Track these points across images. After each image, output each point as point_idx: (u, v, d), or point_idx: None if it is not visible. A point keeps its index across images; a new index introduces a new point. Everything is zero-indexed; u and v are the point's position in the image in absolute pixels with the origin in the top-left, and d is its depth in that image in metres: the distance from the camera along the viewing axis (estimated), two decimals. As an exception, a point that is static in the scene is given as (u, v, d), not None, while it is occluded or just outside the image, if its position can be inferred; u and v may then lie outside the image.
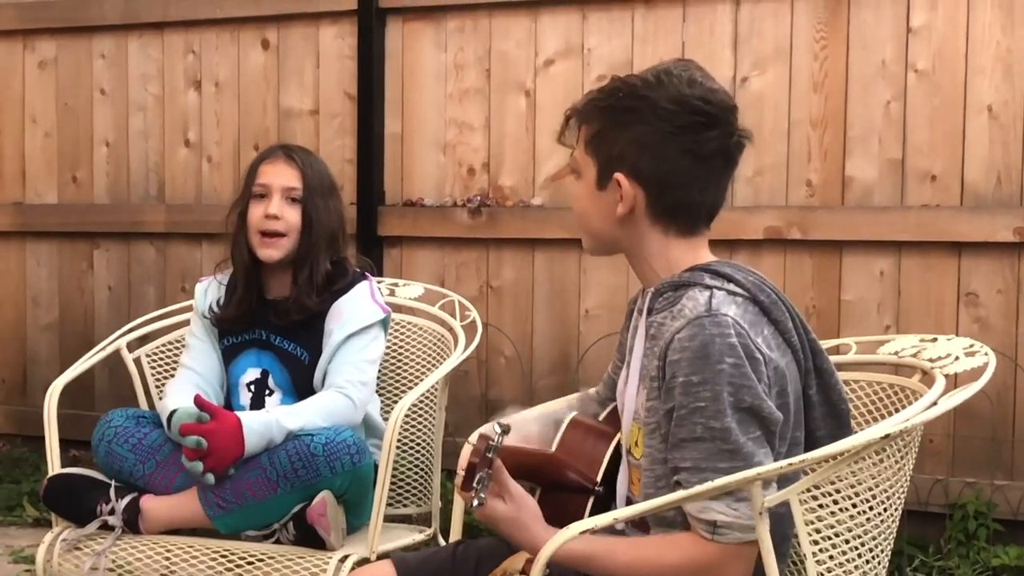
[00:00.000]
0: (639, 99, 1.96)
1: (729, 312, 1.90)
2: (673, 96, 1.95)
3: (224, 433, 2.73)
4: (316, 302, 2.99)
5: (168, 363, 3.35)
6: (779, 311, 1.97)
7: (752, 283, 1.97)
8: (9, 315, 5.23)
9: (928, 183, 3.86)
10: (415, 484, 3.24)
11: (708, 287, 1.95)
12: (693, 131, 1.96)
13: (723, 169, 2.00)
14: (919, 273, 3.88)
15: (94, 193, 5.05)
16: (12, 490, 4.74)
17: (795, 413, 1.97)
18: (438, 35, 4.48)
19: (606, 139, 2.00)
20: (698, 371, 1.86)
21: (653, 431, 1.95)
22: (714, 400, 1.85)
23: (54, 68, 5.11)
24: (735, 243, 3.98)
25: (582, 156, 2.04)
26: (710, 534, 1.87)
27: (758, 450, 1.86)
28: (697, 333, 1.87)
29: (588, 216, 2.07)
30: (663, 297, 2.01)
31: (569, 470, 2.08)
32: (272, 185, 3.00)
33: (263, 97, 4.75)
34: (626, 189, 1.98)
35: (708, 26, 4.11)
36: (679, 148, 1.96)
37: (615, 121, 1.99)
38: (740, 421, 1.86)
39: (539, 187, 4.34)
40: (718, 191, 2.02)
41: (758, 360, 1.88)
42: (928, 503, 3.81)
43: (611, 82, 2.02)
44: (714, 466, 1.85)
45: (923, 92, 3.86)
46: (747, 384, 1.86)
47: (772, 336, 1.95)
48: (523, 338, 4.39)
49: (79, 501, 2.87)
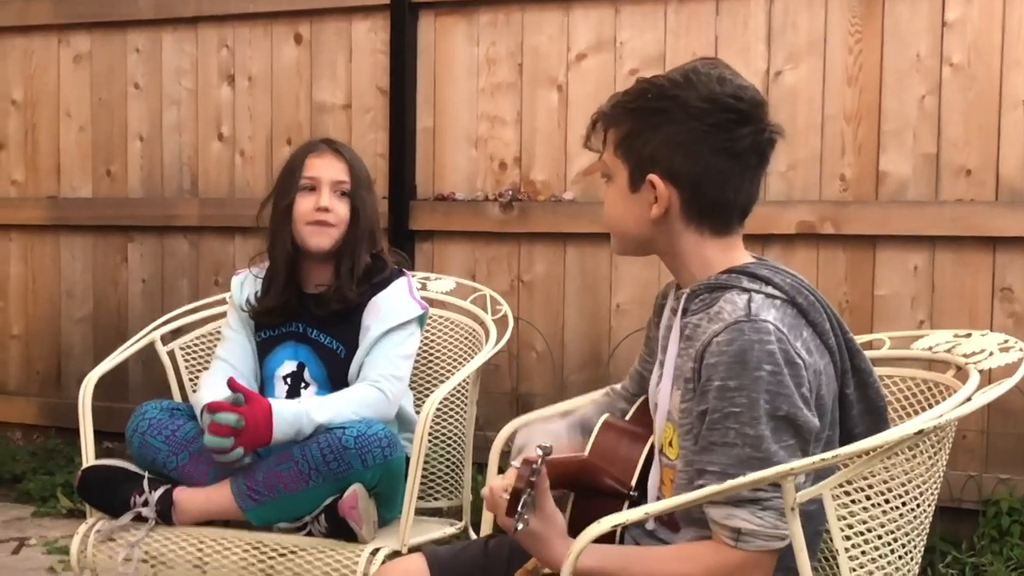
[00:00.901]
0: (669, 99, 1.94)
1: (769, 317, 1.88)
2: (704, 94, 1.93)
3: (255, 416, 2.75)
4: (356, 293, 3.00)
5: (202, 356, 3.36)
6: (817, 313, 1.95)
7: (790, 285, 1.96)
8: (44, 308, 5.27)
9: (963, 177, 3.84)
10: (446, 478, 3.24)
11: (746, 290, 1.93)
12: (726, 129, 1.94)
13: (756, 166, 1.99)
14: (953, 268, 3.86)
15: (128, 187, 5.08)
16: (46, 481, 4.78)
17: (831, 412, 1.96)
18: (470, 29, 4.48)
19: (637, 141, 1.98)
20: (735, 376, 1.85)
21: (687, 432, 1.93)
22: (750, 407, 1.83)
23: (89, 62, 5.14)
24: (768, 237, 3.97)
25: (612, 159, 2.02)
26: (734, 541, 1.85)
27: (790, 459, 1.83)
28: (736, 338, 1.86)
29: (621, 219, 2.05)
30: (699, 299, 2.00)
31: (603, 475, 2.06)
32: (322, 178, 3.01)
33: (296, 91, 4.77)
34: (660, 190, 1.96)
35: (742, 19, 4.09)
36: (712, 147, 1.94)
37: (645, 122, 1.97)
38: (775, 430, 1.84)
39: (571, 181, 4.34)
40: (752, 188, 2.00)
41: (798, 365, 1.86)
42: (961, 499, 3.79)
43: (637, 84, 2.01)
44: (741, 473, 1.82)
45: (958, 86, 3.84)
46: (784, 392, 1.84)
47: (811, 338, 1.93)
48: (554, 332, 4.39)
49: (113, 492, 2.88)
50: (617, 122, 2.01)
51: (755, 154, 1.97)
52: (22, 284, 5.31)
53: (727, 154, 1.95)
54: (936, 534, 3.70)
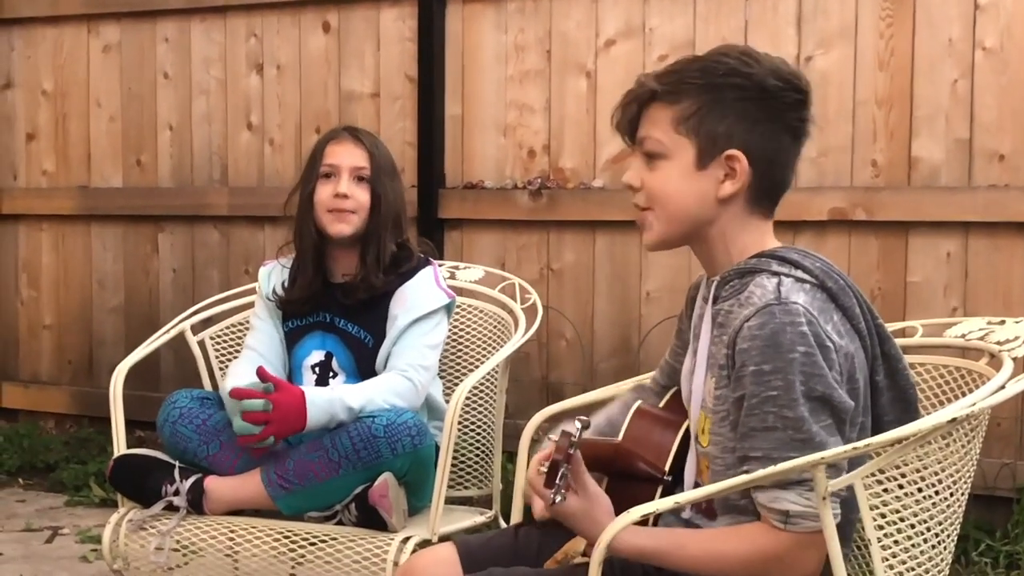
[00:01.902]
0: (743, 76, 1.93)
1: (799, 300, 1.87)
2: (774, 72, 1.94)
3: (287, 404, 2.75)
4: (383, 281, 3.00)
5: (231, 345, 3.37)
6: (847, 297, 1.94)
7: (819, 269, 1.95)
8: (75, 298, 5.30)
9: (996, 163, 3.80)
10: (476, 466, 3.24)
11: (776, 274, 1.93)
12: (795, 109, 1.96)
13: (801, 148, 2.00)
14: (987, 254, 3.83)
15: (158, 176, 5.10)
16: (79, 470, 4.80)
17: (863, 398, 1.95)
18: (498, 16, 4.46)
19: (708, 117, 1.94)
20: (769, 360, 1.84)
21: (723, 419, 1.93)
22: (787, 389, 1.83)
23: (118, 52, 5.16)
24: (799, 224, 3.95)
25: (669, 137, 1.97)
26: (782, 524, 1.85)
27: (829, 439, 1.84)
28: (767, 321, 1.85)
29: (681, 198, 1.99)
30: (729, 285, 1.99)
31: (637, 459, 2.06)
32: (341, 165, 3.01)
33: (324, 80, 4.77)
34: (742, 167, 1.95)
35: (771, 4, 4.06)
36: (784, 126, 1.96)
37: (718, 99, 1.94)
38: (812, 410, 1.84)
39: (600, 169, 4.32)
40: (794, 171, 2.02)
41: (828, 348, 1.86)
42: (995, 487, 3.76)
43: (694, 62, 1.98)
44: (786, 456, 1.82)
45: (991, 70, 3.80)
46: (819, 373, 1.84)
47: (840, 322, 1.92)
48: (584, 320, 4.38)
49: (144, 482, 2.89)
50: (679, 98, 1.96)
51: (806, 136, 2.00)
52: (54, 274, 5.34)
53: (793, 134, 1.97)
54: (970, 522, 3.67)
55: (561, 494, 1.82)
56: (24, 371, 5.44)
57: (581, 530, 1.94)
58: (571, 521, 1.92)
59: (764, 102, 1.94)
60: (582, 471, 1.90)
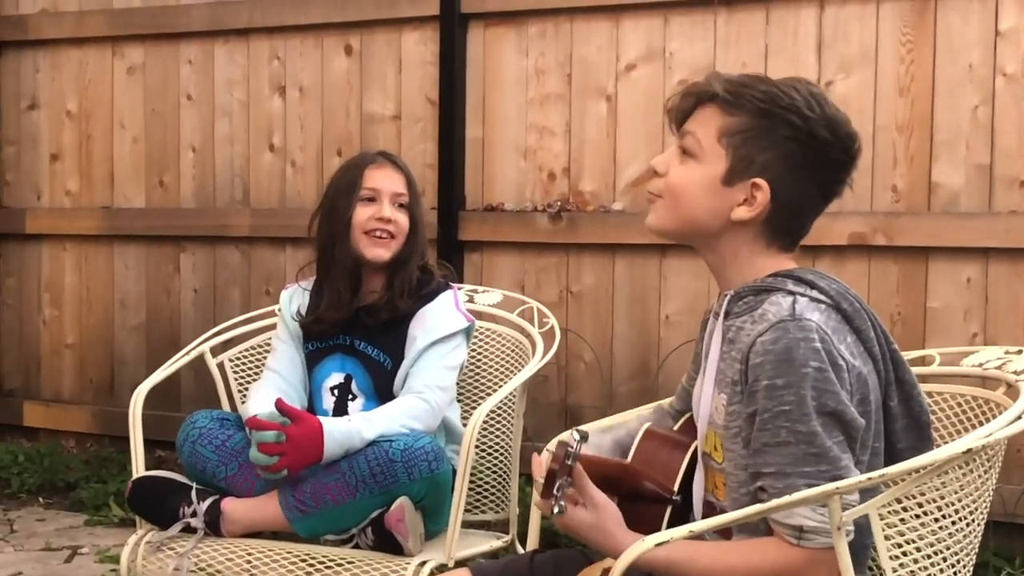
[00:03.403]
0: (800, 117, 1.93)
1: (813, 317, 1.88)
2: (831, 127, 1.94)
3: (305, 437, 2.75)
4: (407, 304, 3.02)
5: (251, 368, 3.39)
6: (861, 320, 1.95)
7: (835, 291, 1.96)
8: (97, 317, 5.33)
9: (1017, 189, 3.80)
10: (493, 490, 3.24)
11: (791, 292, 1.94)
12: (835, 168, 1.97)
13: (827, 206, 2.03)
14: (1007, 280, 3.81)
15: (180, 197, 5.13)
16: (99, 490, 4.82)
17: (876, 423, 1.95)
18: (519, 40, 4.48)
19: (754, 142, 1.95)
20: (782, 374, 1.84)
21: (735, 435, 1.93)
22: (799, 404, 1.83)
23: (142, 74, 5.20)
24: (819, 248, 3.94)
25: (710, 142, 1.98)
26: (796, 539, 1.84)
27: (843, 454, 1.84)
28: (781, 337, 1.86)
29: (695, 203, 2.00)
30: (743, 301, 2.00)
31: (646, 480, 2.07)
32: (382, 190, 3.04)
33: (346, 102, 4.79)
34: (762, 199, 1.96)
35: (792, 29, 4.07)
36: (819, 180, 1.97)
37: (770, 129, 1.94)
38: (824, 425, 1.84)
39: (619, 192, 4.33)
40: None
41: (841, 367, 1.86)
42: (1015, 514, 3.74)
43: (764, 83, 1.97)
44: (800, 470, 1.83)
45: (1011, 96, 3.79)
46: (830, 389, 1.84)
47: (854, 344, 1.93)
48: (603, 343, 4.38)
49: (162, 503, 2.91)
50: (737, 110, 1.96)
51: (837, 196, 2.02)
52: (76, 293, 5.37)
53: (824, 192, 1.99)
54: (989, 549, 3.66)
55: (560, 505, 1.83)
56: (46, 390, 5.47)
57: (592, 541, 1.94)
58: (580, 533, 1.93)
59: (809, 150, 1.94)
60: (586, 483, 1.91)
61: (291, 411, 2.79)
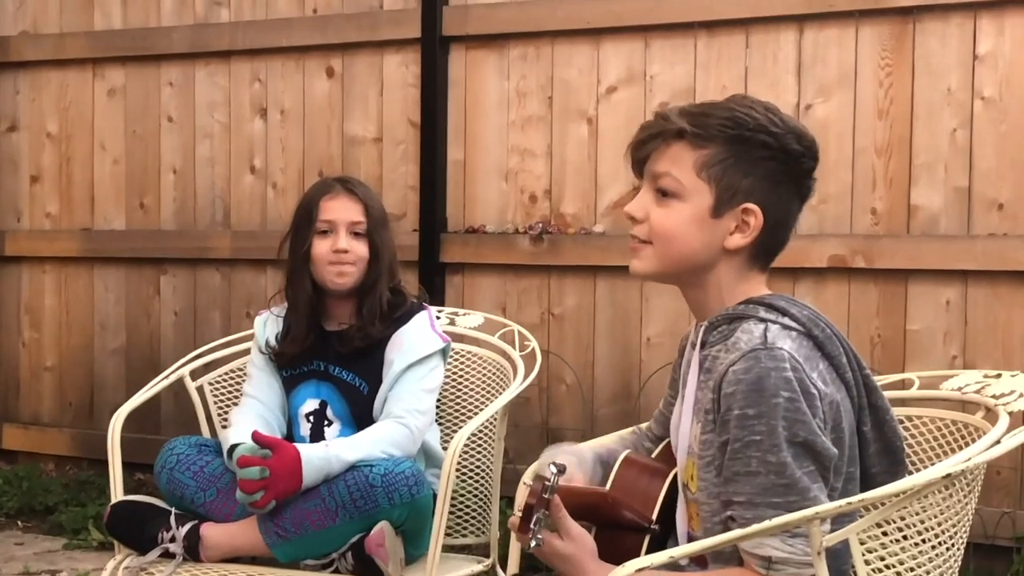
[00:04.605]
0: (771, 135, 1.94)
1: (784, 346, 1.88)
2: (798, 137, 1.96)
3: (283, 467, 2.74)
4: (379, 329, 3.01)
5: (230, 391, 3.37)
6: (833, 346, 1.95)
7: (807, 317, 1.96)
8: (77, 339, 5.31)
9: (995, 211, 3.82)
10: (474, 513, 3.23)
11: (763, 320, 1.94)
12: (809, 175, 1.99)
13: (801, 211, 2.04)
14: (986, 303, 3.83)
15: (161, 219, 5.12)
16: (78, 513, 4.79)
17: (850, 448, 1.95)
18: (501, 63, 4.49)
19: (734, 169, 1.95)
20: (753, 404, 1.84)
21: (708, 464, 1.93)
22: (769, 434, 1.83)
23: (123, 96, 5.19)
24: (799, 271, 3.95)
25: (689, 178, 1.97)
26: (764, 569, 1.84)
27: (812, 484, 1.84)
28: (752, 366, 1.86)
29: (686, 240, 1.99)
30: (717, 331, 2.00)
31: (624, 508, 2.06)
32: (338, 221, 3.03)
33: (328, 124, 4.79)
34: (756, 222, 1.96)
35: (771, 53, 4.09)
36: (797, 190, 1.99)
37: (745, 153, 1.95)
38: (795, 455, 1.84)
39: (601, 214, 4.34)
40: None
41: (813, 395, 1.86)
42: (995, 536, 3.75)
43: (723, 109, 1.97)
44: (769, 500, 1.83)
45: (990, 119, 3.81)
46: (801, 419, 1.84)
47: (827, 371, 1.93)
48: (584, 366, 4.38)
49: (141, 528, 2.89)
50: (705, 143, 1.96)
51: (810, 198, 2.04)
52: (56, 316, 5.35)
53: (802, 199, 2.01)
54: (969, 571, 3.66)
55: (537, 539, 1.83)
56: (25, 412, 5.45)
57: (568, 573, 1.94)
58: (556, 564, 1.93)
59: (787, 165, 1.96)
60: (562, 515, 1.91)
61: (268, 441, 2.78)
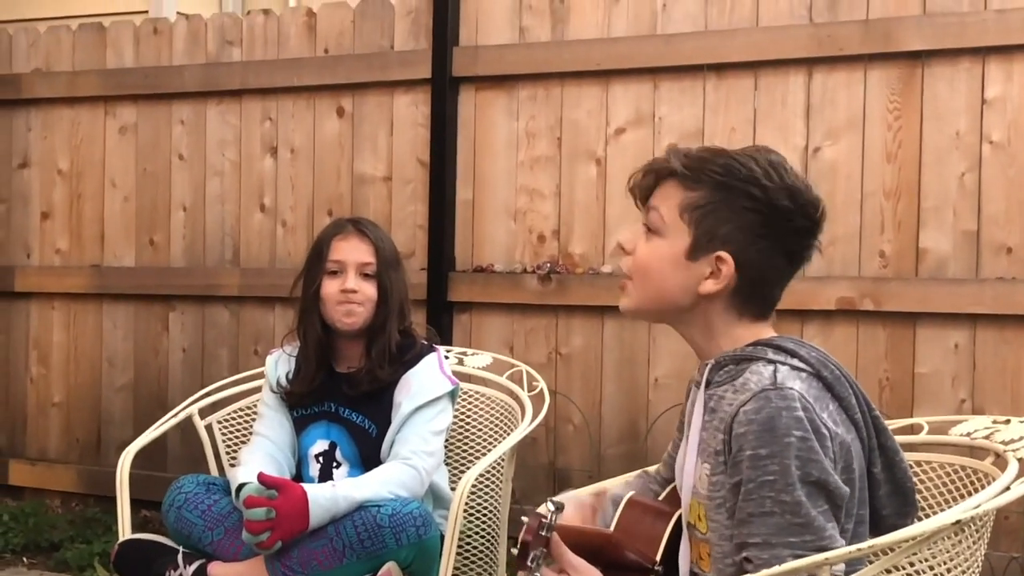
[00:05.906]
0: (759, 187, 1.94)
1: (795, 386, 1.88)
2: (792, 195, 1.95)
3: (290, 507, 2.74)
4: (388, 372, 3.02)
5: (239, 430, 3.38)
6: (843, 387, 1.95)
7: (815, 359, 1.96)
8: (85, 376, 5.31)
9: (1004, 255, 3.82)
10: (481, 553, 3.23)
11: (772, 361, 1.94)
12: (800, 235, 1.98)
13: (796, 271, 2.03)
14: (995, 346, 3.83)
15: (170, 256, 5.13)
16: (84, 550, 4.78)
17: (860, 490, 1.95)
18: (510, 103, 4.51)
19: (714, 215, 1.96)
20: (765, 444, 1.84)
21: (719, 506, 1.93)
22: (783, 474, 1.83)
23: (134, 133, 5.21)
24: (807, 313, 3.95)
25: (672, 217, 1.99)
26: None
27: (827, 524, 1.84)
28: (763, 406, 1.86)
29: (662, 280, 2.02)
30: (724, 370, 2.00)
31: (628, 550, 2.06)
32: (347, 261, 3.04)
33: (337, 163, 4.81)
34: (727, 271, 1.97)
35: (780, 96, 4.10)
36: (783, 248, 1.98)
37: (729, 201, 1.95)
38: (809, 495, 1.84)
39: (609, 255, 4.34)
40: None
41: (824, 435, 1.86)
42: (1004, 581, 3.74)
43: (722, 156, 1.98)
44: (785, 540, 1.82)
45: (998, 163, 3.83)
46: (814, 458, 1.84)
47: (836, 412, 1.93)
48: (592, 406, 4.38)
49: (148, 567, 2.88)
50: (695, 186, 1.98)
51: (807, 261, 2.02)
52: (64, 352, 5.36)
53: (790, 258, 2.00)
54: (978, 617, 3.64)
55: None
56: (31, 449, 5.44)
57: None
58: None
59: (771, 219, 1.95)
60: (563, 551, 1.91)
61: (274, 482, 2.78)
